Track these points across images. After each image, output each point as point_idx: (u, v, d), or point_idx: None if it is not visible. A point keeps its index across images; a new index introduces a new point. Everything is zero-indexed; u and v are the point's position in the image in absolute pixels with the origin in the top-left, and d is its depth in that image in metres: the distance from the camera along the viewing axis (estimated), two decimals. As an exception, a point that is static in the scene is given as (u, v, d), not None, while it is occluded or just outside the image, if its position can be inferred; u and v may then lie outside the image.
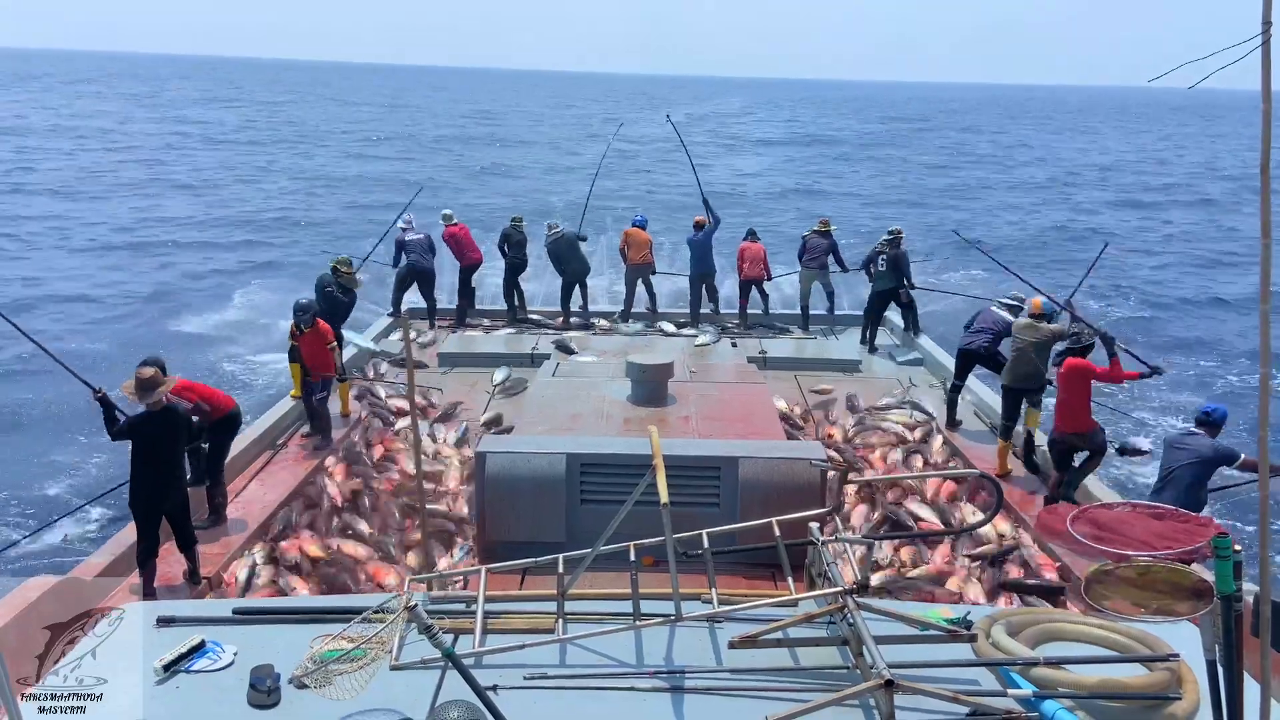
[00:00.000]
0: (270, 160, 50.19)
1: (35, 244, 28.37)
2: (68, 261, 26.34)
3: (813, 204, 37.84)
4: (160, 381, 6.74)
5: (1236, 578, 3.04)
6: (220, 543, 7.60)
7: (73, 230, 30.26)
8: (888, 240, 12.82)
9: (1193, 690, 3.65)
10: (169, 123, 67.16)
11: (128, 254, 27.41)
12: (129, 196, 36.86)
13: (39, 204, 34.66)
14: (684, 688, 3.92)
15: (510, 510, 7.13)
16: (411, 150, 58.51)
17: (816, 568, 4.89)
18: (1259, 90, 2.72)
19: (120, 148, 51.48)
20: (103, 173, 42.43)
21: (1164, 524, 3.84)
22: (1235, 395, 16.51)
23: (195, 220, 32.82)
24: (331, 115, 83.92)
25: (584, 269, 14.40)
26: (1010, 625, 4.16)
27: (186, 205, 35.49)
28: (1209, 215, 40.59)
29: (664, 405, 8.55)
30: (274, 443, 9.69)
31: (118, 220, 32.16)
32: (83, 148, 51.35)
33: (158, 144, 53.99)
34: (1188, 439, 7.41)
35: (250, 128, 68.01)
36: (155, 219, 32.62)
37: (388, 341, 13.44)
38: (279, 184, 42.11)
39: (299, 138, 63.17)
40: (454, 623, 4.42)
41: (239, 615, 4.49)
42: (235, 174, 44.33)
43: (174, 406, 6.96)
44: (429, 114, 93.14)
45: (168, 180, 41.30)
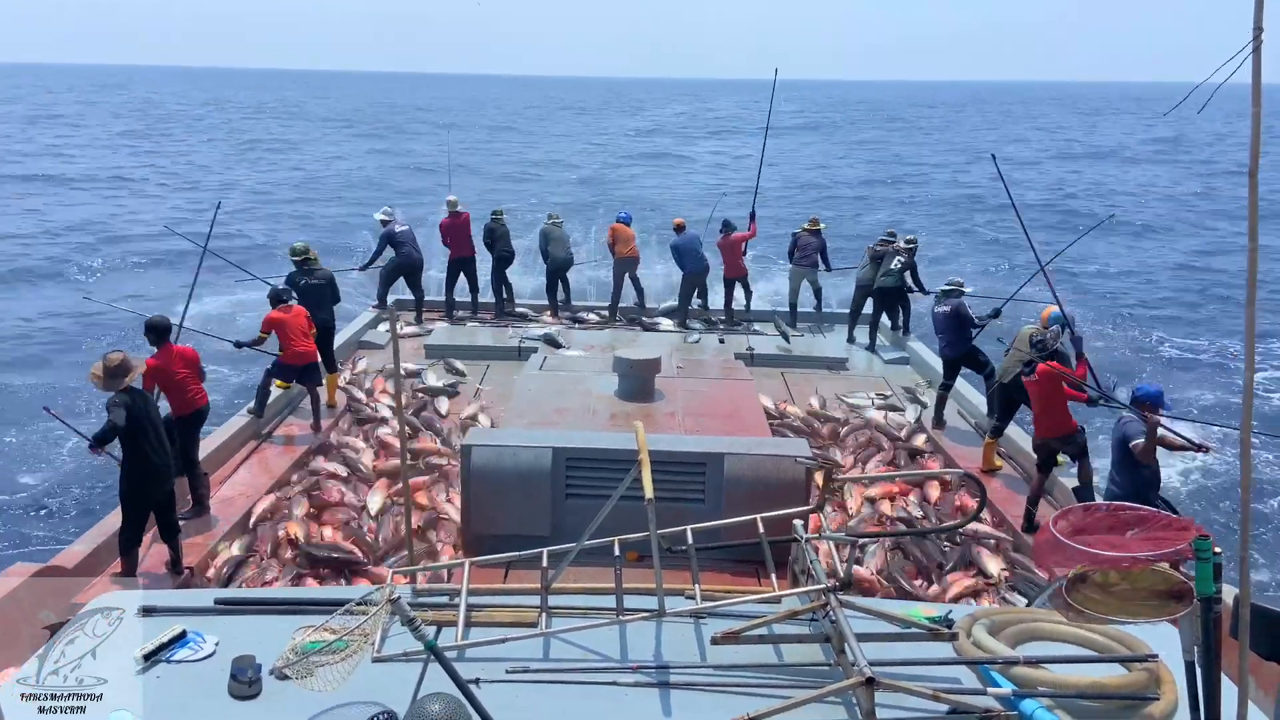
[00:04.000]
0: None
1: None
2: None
3: (817, 198, 38.32)
4: (130, 367, 6.71)
5: (1216, 580, 3.06)
6: (204, 533, 7.57)
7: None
8: (908, 247, 12.80)
9: (1171, 691, 3.68)
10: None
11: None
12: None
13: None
14: (667, 683, 3.93)
15: (495, 504, 7.13)
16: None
17: (800, 565, 4.90)
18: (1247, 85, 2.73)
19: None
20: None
21: (1145, 526, 3.85)
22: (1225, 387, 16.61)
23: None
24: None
25: (566, 260, 14.38)
26: (991, 624, 4.18)
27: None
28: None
29: (651, 401, 8.55)
30: (259, 432, 9.66)
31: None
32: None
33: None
34: (1116, 426, 7.43)
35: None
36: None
37: (374, 333, 13.40)
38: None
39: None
40: (437, 615, 4.41)
41: (220, 605, 4.47)
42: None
43: (141, 391, 6.94)
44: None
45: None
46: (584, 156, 56.14)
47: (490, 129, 75.09)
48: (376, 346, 12.78)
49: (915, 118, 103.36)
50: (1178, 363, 19.26)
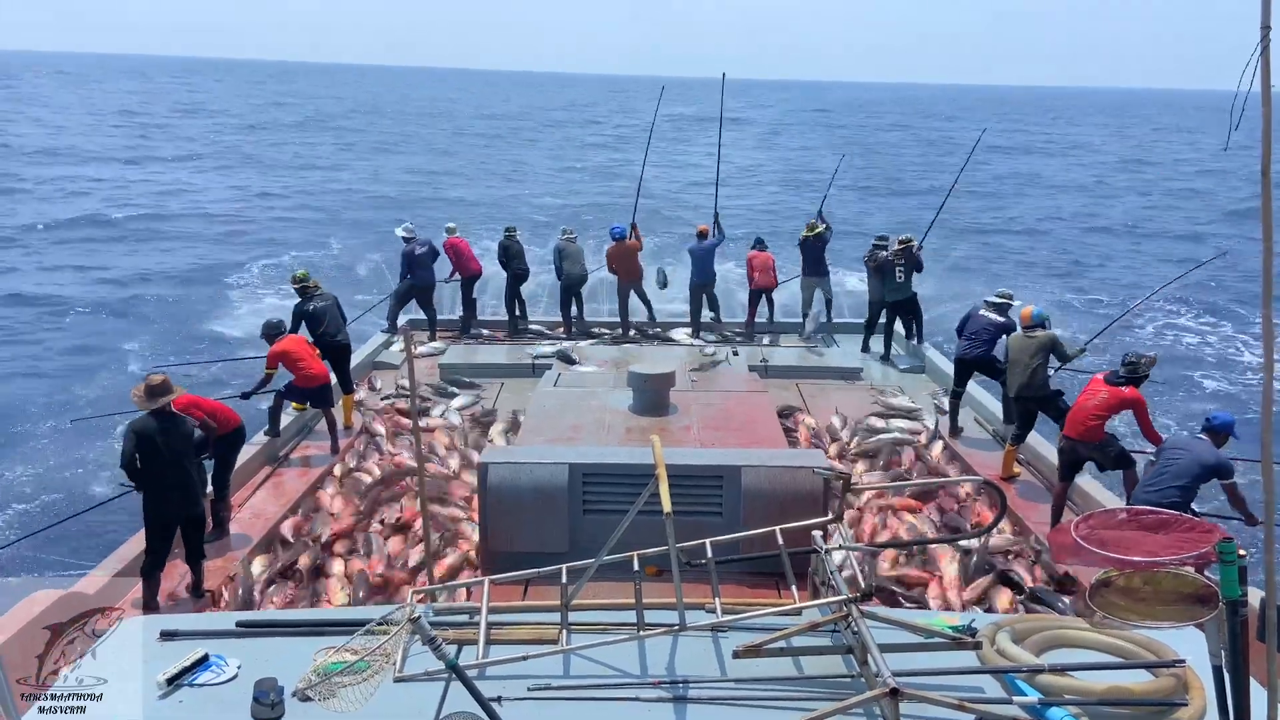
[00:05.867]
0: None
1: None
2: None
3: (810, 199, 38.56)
4: (170, 389, 6.83)
5: (1242, 583, 3.03)
6: (224, 556, 7.60)
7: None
8: (901, 249, 12.62)
9: (1199, 696, 3.64)
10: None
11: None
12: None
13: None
14: (688, 697, 3.91)
15: (512, 521, 7.12)
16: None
17: (820, 576, 4.88)
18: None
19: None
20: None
21: (1169, 530, 3.82)
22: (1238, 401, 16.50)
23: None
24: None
25: (580, 276, 14.42)
26: (1015, 632, 4.15)
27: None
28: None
29: (665, 414, 8.54)
30: (277, 455, 9.70)
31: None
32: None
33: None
34: (1192, 442, 7.33)
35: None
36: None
37: (389, 353, 13.44)
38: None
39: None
40: (457, 634, 4.42)
41: (242, 628, 4.49)
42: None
43: (179, 416, 6.99)
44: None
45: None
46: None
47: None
48: (391, 366, 12.82)
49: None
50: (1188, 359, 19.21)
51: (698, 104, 78.82)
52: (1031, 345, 9.00)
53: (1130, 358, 8.12)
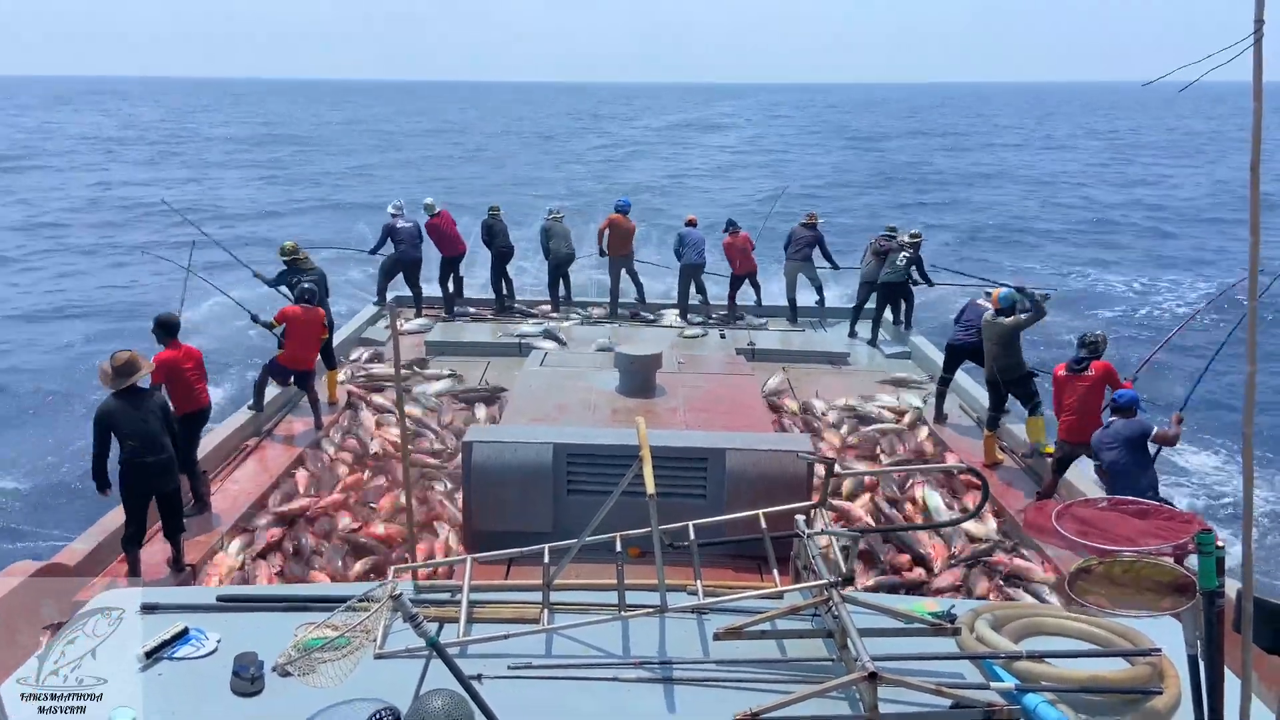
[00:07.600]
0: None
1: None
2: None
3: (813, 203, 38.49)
4: (137, 366, 6.70)
5: (1219, 573, 3.05)
6: (206, 532, 7.57)
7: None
8: (913, 242, 12.70)
9: (1174, 685, 3.67)
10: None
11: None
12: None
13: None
14: (669, 678, 3.92)
15: (496, 500, 7.12)
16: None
17: (802, 560, 4.90)
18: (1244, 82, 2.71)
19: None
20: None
21: (1148, 520, 3.85)
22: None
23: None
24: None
25: (567, 256, 14.36)
26: (994, 619, 4.18)
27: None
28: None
29: (652, 396, 8.54)
30: (260, 429, 9.66)
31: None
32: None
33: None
34: (1108, 431, 7.53)
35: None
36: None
37: (374, 330, 13.39)
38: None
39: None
40: (439, 612, 4.42)
41: (222, 602, 4.47)
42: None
43: (147, 390, 6.93)
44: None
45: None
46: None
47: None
48: (377, 343, 12.77)
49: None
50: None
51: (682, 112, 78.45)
52: (996, 331, 9.16)
53: (1088, 338, 8.41)
